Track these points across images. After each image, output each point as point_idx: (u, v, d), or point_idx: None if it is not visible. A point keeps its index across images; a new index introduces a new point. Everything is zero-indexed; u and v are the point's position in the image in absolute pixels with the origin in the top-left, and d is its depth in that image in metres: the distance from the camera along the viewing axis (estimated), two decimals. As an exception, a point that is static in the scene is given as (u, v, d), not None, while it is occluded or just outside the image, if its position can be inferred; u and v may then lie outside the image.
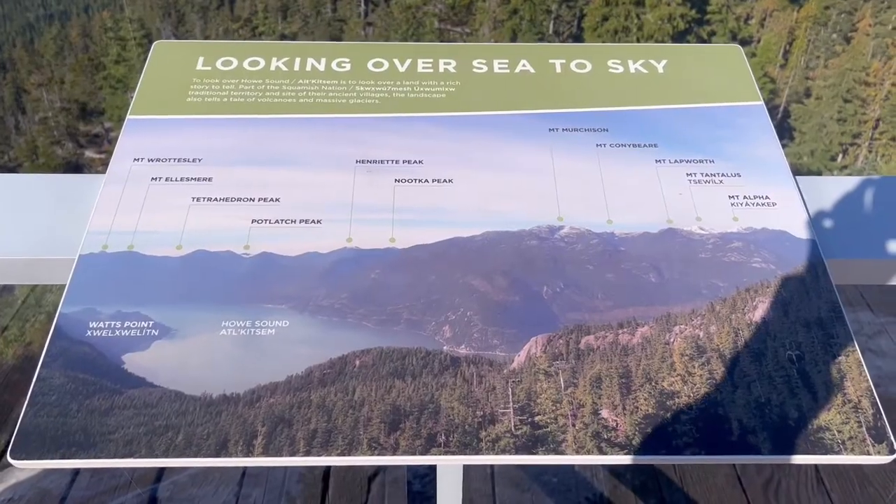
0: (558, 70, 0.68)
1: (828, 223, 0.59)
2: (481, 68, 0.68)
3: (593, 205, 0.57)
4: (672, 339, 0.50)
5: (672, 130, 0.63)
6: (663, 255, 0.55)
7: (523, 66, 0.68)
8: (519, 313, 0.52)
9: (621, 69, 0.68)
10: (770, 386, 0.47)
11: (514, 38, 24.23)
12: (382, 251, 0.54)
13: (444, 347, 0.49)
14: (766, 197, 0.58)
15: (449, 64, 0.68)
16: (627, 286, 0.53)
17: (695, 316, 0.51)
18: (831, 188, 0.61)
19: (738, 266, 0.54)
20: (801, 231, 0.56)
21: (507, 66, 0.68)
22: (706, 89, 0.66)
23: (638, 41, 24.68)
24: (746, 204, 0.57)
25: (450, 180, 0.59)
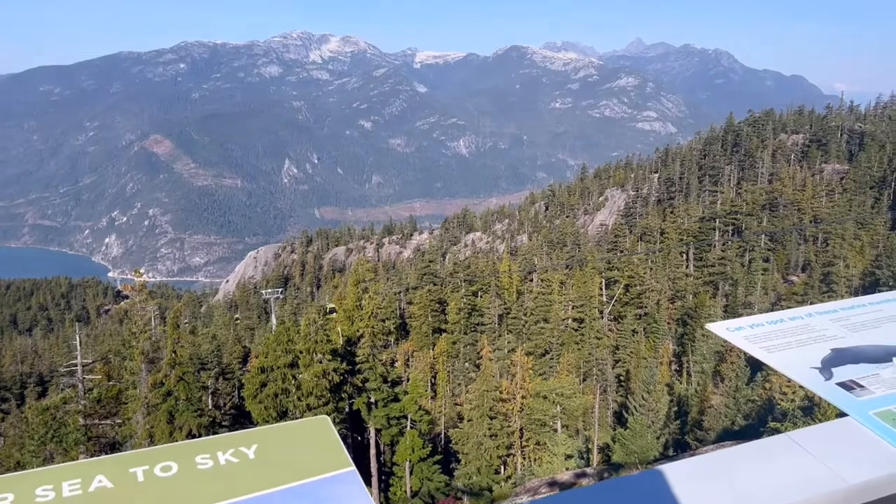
0: (141, 479, 0.62)
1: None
2: (48, 495, 0.59)
3: None
4: None
5: (270, 517, 0.60)
6: None
7: (99, 482, 0.61)
8: None
9: (210, 463, 0.65)
10: None
11: (171, 420, 23.21)
12: None
13: None
14: (372, 567, 0.56)
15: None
16: None
17: None
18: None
19: None
20: None
21: (78, 486, 0.60)
22: (300, 466, 0.66)
23: (299, 399, 25.43)
24: (353, 581, 0.55)
25: None
